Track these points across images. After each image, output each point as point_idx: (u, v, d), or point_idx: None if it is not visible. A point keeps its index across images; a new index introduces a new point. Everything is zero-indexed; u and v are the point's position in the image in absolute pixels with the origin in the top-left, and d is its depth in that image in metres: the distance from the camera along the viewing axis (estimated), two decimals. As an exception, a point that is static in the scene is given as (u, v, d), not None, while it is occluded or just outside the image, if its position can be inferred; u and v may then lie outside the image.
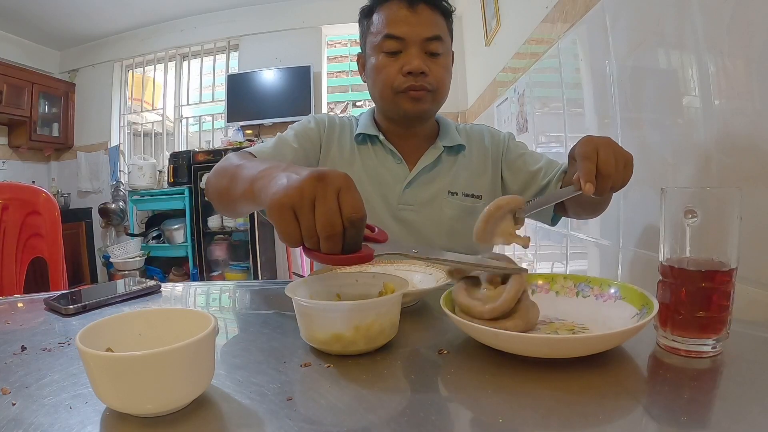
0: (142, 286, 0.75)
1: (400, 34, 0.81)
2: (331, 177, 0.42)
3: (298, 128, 0.92)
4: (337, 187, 0.42)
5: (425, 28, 0.81)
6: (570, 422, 0.32)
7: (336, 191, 0.42)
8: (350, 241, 0.42)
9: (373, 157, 0.91)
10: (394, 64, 0.82)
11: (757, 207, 0.59)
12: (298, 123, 0.93)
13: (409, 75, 0.81)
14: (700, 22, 0.72)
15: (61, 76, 4.20)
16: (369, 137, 0.92)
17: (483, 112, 2.72)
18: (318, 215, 0.41)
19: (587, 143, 0.58)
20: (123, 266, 3.58)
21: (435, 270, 0.71)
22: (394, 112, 0.87)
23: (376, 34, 0.83)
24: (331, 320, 0.44)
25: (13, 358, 0.47)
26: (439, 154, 0.91)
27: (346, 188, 0.42)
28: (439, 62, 0.83)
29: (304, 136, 0.90)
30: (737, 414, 0.33)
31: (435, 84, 0.83)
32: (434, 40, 0.82)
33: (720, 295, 0.42)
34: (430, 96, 0.84)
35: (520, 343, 0.41)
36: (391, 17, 0.82)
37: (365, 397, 0.37)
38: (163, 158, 3.99)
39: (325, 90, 3.87)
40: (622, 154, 0.59)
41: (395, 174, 0.90)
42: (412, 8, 0.80)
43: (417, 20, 0.80)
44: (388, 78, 0.83)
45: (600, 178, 0.56)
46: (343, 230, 0.42)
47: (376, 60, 0.84)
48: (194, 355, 0.34)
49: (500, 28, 2.17)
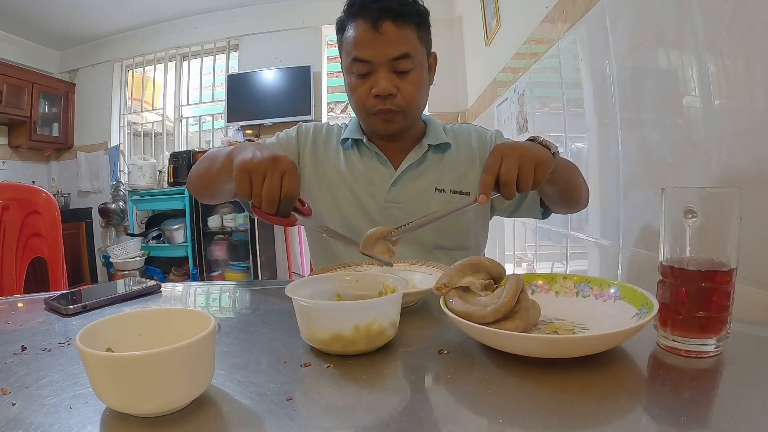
0: (142, 286, 0.75)
1: (366, 57, 0.81)
2: (280, 161, 0.58)
3: (280, 135, 0.99)
4: (283, 169, 0.57)
5: (391, 48, 0.80)
6: (570, 422, 0.32)
7: (281, 172, 0.57)
8: (282, 209, 0.58)
9: (358, 161, 0.94)
10: (364, 86, 0.83)
11: (757, 207, 0.59)
12: (281, 135, 0.99)
13: (378, 97, 0.82)
14: (700, 22, 0.72)
15: (61, 76, 4.20)
16: (354, 141, 0.95)
17: (483, 112, 2.72)
18: (264, 186, 0.57)
19: (493, 153, 0.62)
20: (123, 266, 3.58)
21: (435, 270, 0.71)
22: (369, 130, 0.92)
23: (346, 54, 0.84)
24: (331, 320, 0.44)
25: (13, 358, 0.47)
26: (424, 152, 0.92)
27: (290, 173, 0.57)
28: (409, 79, 0.83)
29: (284, 143, 0.97)
30: (737, 414, 0.33)
31: (404, 103, 0.84)
32: (402, 59, 0.81)
33: (720, 295, 0.42)
34: (401, 116, 0.85)
35: (520, 343, 0.41)
36: (357, 39, 0.81)
37: (365, 397, 0.37)
38: (163, 158, 3.99)
39: (325, 90, 3.87)
40: (530, 157, 0.62)
41: (381, 174, 0.92)
42: (376, 28, 0.79)
43: (382, 41, 0.79)
44: (359, 99, 0.85)
45: (502, 186, 0.61)
46: (279, 201, 0.57)
47: (348, 79, 0.86)
48: (194, 355, 0.34)
49: (500, 28, 2.17)
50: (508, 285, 0.46)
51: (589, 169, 1.21)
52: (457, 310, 0.47)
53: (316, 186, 0.94)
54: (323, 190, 0.93)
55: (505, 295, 0.45)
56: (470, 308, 0.46)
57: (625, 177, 1.00)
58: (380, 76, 0.81)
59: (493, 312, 0.44)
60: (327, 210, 0.93)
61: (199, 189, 0.85)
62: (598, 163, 1.15)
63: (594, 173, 1.18)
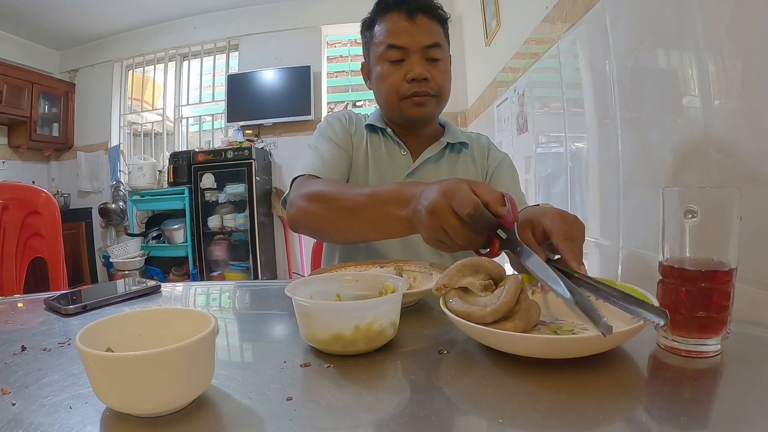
0: (142, 286, 0.75)
1: (402, 43, 0.85)
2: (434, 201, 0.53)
3: (330, 134, 0.94)
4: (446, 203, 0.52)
5: (425, 36, 0.85)
6: (570, 422, 0.32)
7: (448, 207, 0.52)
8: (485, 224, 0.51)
9: (381, 146, 0.97)
10: (398, 72, 0.87)
11: (757, 207, 0.59)
12: (325, 128, 0.96)
13: (412, 81, 0.86)
14: (700, 22, 0.72)
15: (61, 76, 4.20)
16: (378, 128, 0.98)
17: (483, 112, 2.72)
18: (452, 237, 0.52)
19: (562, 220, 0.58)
20: (123, 266, 3.58)
21: (435, 270, 0.71)
22: (400, 117, 0.92)
23: (379, 44, 0.88)
24: (331, 320, 0.44)
25: (13, 358, 0.47)
26: (442, 148, 0.95)
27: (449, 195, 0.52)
28: (439, 67, 0.88)
29: (341, 137, 0.94)
30: (737, 414, 0.33)
31: (437, 88, 0.88)
32: (434, 47, 0.86)
33: (720, 295, 0.42)
34: (434, 100, 0.89)
35: (517, 343, 0.41)
36: (392, 28, 0.86)
37: (365, 397, 0.37)
38: (163, 158, 3.99)
39: (325, 90, 3.87)
40: (581, 228, 0.60)
41: (399, 164, 0.95)
42: (412, 19, 0.85)
43: (417, 30, 0.85)
44: (393, 85, 0.87)
45: None
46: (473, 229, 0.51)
47: (380, 69, 0.89)
48: (194, 355, 0.34)
49: (500, 28, 2.17)
50: (508, 285, 0.46)
51: (589, 169, 1.21)
52: (456, 311, 0.47)
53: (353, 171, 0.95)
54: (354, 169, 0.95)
55: (505, 295, 0.45)
56: (470, 308, 0.46)
57: (625, 177, 1.00)
58: (414, 62, 0.85)
59: (492, 312, 0.44)
60: None
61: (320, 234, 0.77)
62: (598, 163, 1.15)
63: (594, 173, 1.18)
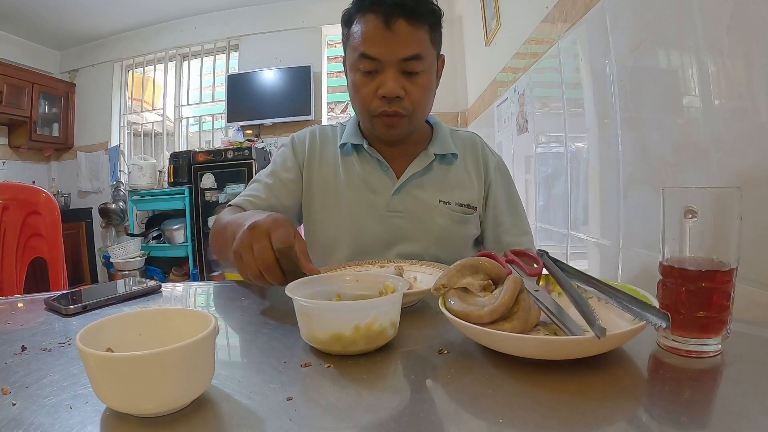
0: (142, 286, 0.75)
1: (376, 54, 0.76)
2: (260, 223, 0.55)
3: (278, 162, 0.94)
4: (267, 229, 0.54)
5: (402, 47, 0.75)
6: (570, 422, 0.32)
7: (266, 233, 0.54)
8: (288, 269, 0.54)
9: (358, 166, 0.90)
10: (370, 85, 0.79)
11: (757, 207, 0.59)
12: (277, 155, 0.96)
13: (383, 99, 0.78)
14: (700, 22, 0.72)
15: (61, 76, 4.20)
16: (354, 146, 0.91)
17: (483, 112, 2.72)
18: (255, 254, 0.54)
19: None
20: (123, 266, 3.58)
21: (435, 270, 0.71)
22: (371, 133, 0.88)
23: (353, 49, 0.79)
24: (331, 320, 0.44)
25: (13, 358, 0.47)
26: (429, 162, 0.88)
27: (275, 228, 0.55)
28: (417, 82, 0.79)
29: (284, 167, 0.93)
30: (737, 414, 0.33)
31: (411, 107, 0.80)
32: (412, 60, 0.76)
33: (720, 295, 0.42)
34: (406, 120, 0.81)
35: (513, 343, 0.41)
36: (366, 35, 0.76)
37: (365, 397, 0.37)
38: (163, 158, 3.99)
39: (325, 90, 3.88)
40: None
41: (383, 182, 0.88)
42: (389, 26, 0.74)
43: (393, 39, 0.75)
44: (363, 100, 0.80)
45: None
46: (277, 261, 0.54)
47: (353, 77, 0.81)
48: (194, 355, 0.34)
49: (500, 28, 2.17)
50: (506, 286, 0.46)
51: (589, 169, 1.21)
52: (455, 310, 0.47)
53: (318, 195, 0.91)
54: (324, 198, 0.90)
55: (503, 295, 0.45)
56: (468, 308, 0.46)
57: (625, 177, 1.00)
58: (388, 76, 0.76)
59: (489, 312, 0.44)
60: (328, 217, 0.90)
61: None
62: (598, 163, 1.15)
63: (594, 173, 1.18)
